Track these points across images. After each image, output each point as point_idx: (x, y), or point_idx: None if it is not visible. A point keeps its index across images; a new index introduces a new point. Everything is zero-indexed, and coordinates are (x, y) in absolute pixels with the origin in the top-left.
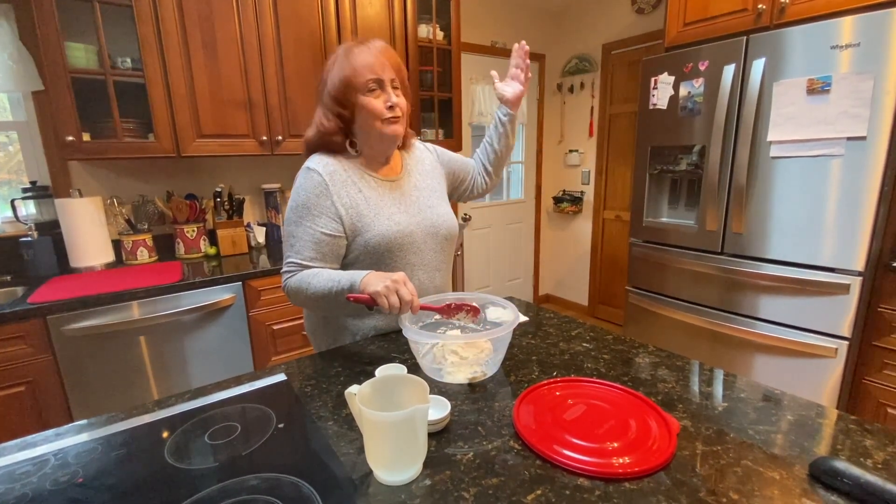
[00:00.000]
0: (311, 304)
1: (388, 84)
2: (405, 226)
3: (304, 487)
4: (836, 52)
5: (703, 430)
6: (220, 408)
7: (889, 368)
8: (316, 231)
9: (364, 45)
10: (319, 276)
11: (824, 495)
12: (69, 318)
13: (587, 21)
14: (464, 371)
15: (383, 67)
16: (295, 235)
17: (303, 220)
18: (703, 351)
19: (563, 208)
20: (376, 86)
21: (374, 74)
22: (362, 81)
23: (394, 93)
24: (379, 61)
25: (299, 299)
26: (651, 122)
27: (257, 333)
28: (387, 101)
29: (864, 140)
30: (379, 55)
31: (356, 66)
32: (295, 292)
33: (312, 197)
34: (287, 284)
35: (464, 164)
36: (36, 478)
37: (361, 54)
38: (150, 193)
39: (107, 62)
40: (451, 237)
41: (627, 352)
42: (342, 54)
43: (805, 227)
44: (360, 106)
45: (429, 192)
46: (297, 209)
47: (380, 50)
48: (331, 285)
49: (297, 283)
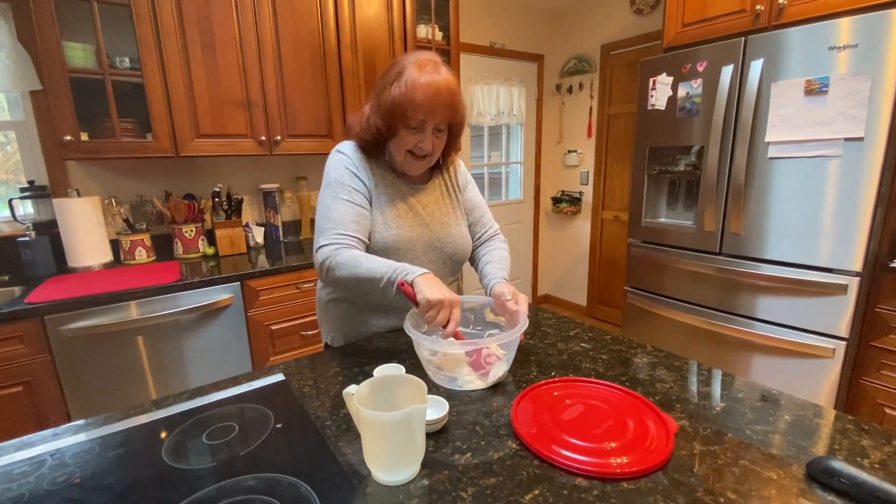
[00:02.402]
0: (353, 282)
1: (431, 128)
2: (405, 232)
3: (302, 487)
4: (834, 53)
5: (701, 430)
6: (218, 408)
7: (886, 369)
8: (355, 206)
9: (429, 80)
10: (372, 258)
11: (821, 495)
12: (67, 318)
13: (586, 22)
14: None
15: (433, 113)
16: (332, 209)
17: (338, 194)
18: (701, 351)
19: (561, 209)
20: (419, 125)
21: (423, 117)
22: (410, 117)
23: (433, 135)
24: (431, 106)
25: (340, 275)
26: (649, 123)
27: (255, 333)
28: (419, 143)
29: (861, 141)
30: (436, 98)
31: (411, 102)
32: (340, 266)
33: (346, 174)
34: (335, 257)
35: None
36: (33, 478)
37: (421, 91)
38: (149, 193)
39: (105, 62)
40: (457, 256)
41: (625, 352)
42: (408, 79)
43: (803, 227)
44: (398, 134)
45: (448, 208)
46: (332, 186)
47: (440, 91)
48: (386, 269)
49: (348, 258)
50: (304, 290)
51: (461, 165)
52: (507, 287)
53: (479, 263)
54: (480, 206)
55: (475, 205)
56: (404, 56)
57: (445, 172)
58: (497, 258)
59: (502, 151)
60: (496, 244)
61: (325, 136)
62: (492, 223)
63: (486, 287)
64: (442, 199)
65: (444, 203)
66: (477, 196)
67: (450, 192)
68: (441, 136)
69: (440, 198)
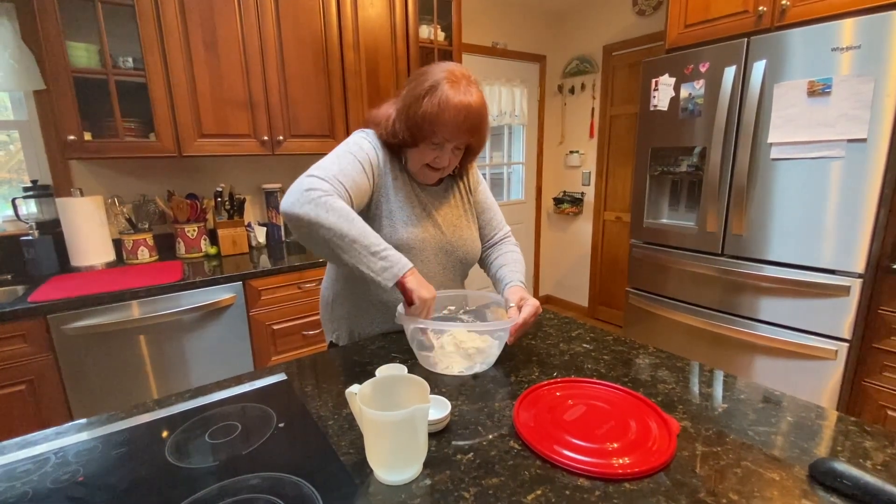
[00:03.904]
0: (335, 233)
1: (451, 147)
2: (417, 233)
3: (305, 487)
4: (837, 55)
5: (703, 431)
6: (221, 407)
7: (889, 371)
8: (363, 173)
9: (462, 102)
10: (367, 226)
11: (824, 496)
12: (69, 317)
13: (588, 22)
14: (459, 363)
15: (458, 134)
16: (341, 157)
17: (357, 154)
18: (703, 352)
19: (563, 209)
20: (440, 142)
21: (446, 136)
22: (436, 133)
23: (451, 153)
24: (459, 128)
25: (327, 220)
26: (652, 124)
27: (257, 333)
28: (436, 158)
29: (864, 142)
30: (466, 122)
31: (440, 121)
32: (332, 210)
33: (367, 149)
34: (328, 197)
35: (486, 217)
36: (36, 476)
37: (453, 112)
38: (151, 193)
39: (108, 61)
40: (466, 260)
41: (627, 353)
42: (442, 97)
43: (805, 228)
44: (418, 146)
45: (460, 212)
46: (353, 145)
47: (471, 114)
48: (378, 242)
49: (341, 207)
50: (306, 289)
51: (473, 166)
52: (517, 293)
53: (492, 266)
54: (492, 207)
55: (486, 206)
56: (436, 66)
57: (458, 175)
58: (511, 261)
59: (504, 152)
60: (508, 247)
61: (328, 136)
62: (503, 225)
63: (500, 290)
64: (455, 202)
65: (457, 206)
66: (488, 197)
67: (462, 196)
68: (458, 154)
69: (453, 201)
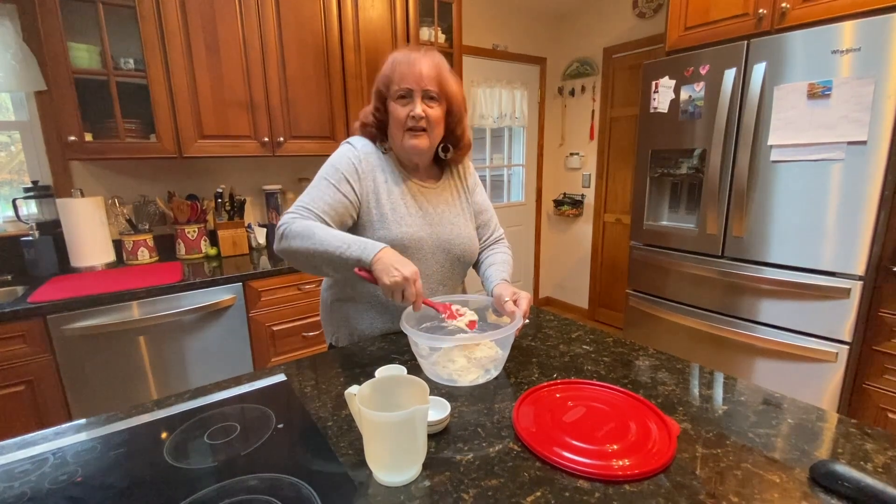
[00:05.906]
0: (305, 255)
1: (419, 94)
2: (415, 232)
3: (304, 488)
4: (837, 57)
5: (704, 433)
6: (220, 408)
7: (890, 373)
8: (338, 192)
9: (410, 54)
10: (329, 230)
11: (824, 499)
12: (69, 318)
13: (588, 25)
14: (473, 373)
15: (418, 79)
16: (314, 187)
17: (330, 177)
18: (703, 354)
19: (563, 211)
20: (406, 94)
21: (406, 84)
22: (394, 88)
23: (424, 103)
24: (415, 72)
25: (294, 245)
26: (652, 126)
27: (257, 334)
28: (410, 111)
29: (864, 144)
30: (418, 66)
31: (394, 72)
32: (295, 236)
33: (345, 162)
34: (290, 225)
35: (482, 219)
36: (35, 476)
37: (402, 64)
38: (152, 194)
39: (109, 62)
40: (464, 257)
41: (627, 354)
42: (391, 58)
43: (806, 231)
44: (389, 111)
45: (458, 209)
46: (328, 167)
47: (421, 61)
48: (339, 244)
49: (302, 228)
50: (305, 291)
51: (471, 167)
52: (507, 288)
53: (482, 266)
54: (487, 209)
55: (482, 208)
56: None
57: (456, 173)
58: (500, 261)
59: (504, 154)
60: (499, 248)
61: (328, 137)
62: (497, 228)
63: (487, 289)
64: (452, 200)
65: (454, 204)
66: (484, 199)
67: (460, 196)
68: (435, 107)
69: (450, 199)
